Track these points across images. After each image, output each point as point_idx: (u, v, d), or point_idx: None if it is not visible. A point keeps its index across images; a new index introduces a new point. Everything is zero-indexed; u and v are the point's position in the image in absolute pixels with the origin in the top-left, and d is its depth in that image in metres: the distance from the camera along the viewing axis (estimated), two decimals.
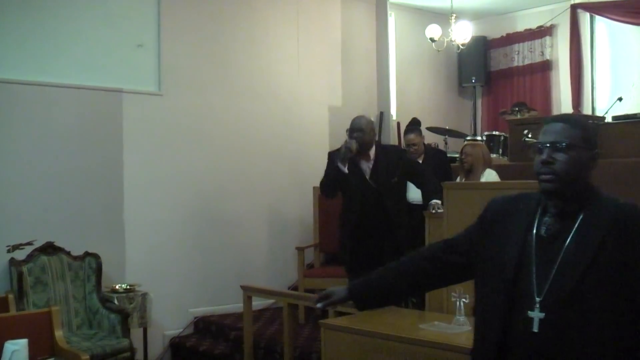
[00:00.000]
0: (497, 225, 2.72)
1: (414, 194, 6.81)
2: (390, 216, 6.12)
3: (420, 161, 7.25)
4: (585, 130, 2.58)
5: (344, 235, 6.41)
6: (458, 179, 6.89)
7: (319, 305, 3.24)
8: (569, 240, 2.49)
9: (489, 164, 6.82)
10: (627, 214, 2.49)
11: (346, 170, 6.02)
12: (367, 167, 6.18)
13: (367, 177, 6.15)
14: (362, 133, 6.06)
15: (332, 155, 6.19)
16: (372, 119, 6.61)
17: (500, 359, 2.55)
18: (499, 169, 7.07)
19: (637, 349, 2.42)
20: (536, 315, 2.46)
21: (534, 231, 2.58)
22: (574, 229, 2.50)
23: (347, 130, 6.20)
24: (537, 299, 2.47)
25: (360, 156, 6.14)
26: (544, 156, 2.54)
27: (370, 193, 6.12)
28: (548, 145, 2.54)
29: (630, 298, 2.41)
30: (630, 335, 2.40)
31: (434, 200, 5.72)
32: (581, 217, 2.51)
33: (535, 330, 2.46)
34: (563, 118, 2.64)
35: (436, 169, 7.03)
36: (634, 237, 2.43)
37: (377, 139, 6.49)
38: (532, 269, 2.52)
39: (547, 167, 2.53)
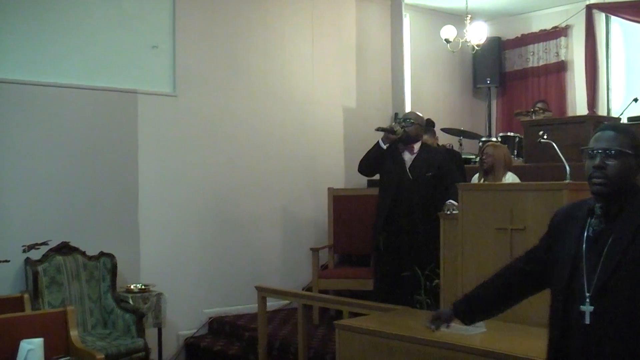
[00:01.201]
0: (561, 231, 2.93)
1: None
2: (414, 210, 6.32)
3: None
4: (634, 138, 2.79)
5: (376, 225, 6.61)
6: (475, 178, 6.86)
7: (432, 327, 3.46)
8: (611, 237, 2.70)
9: (509, 167, 6.79)
10: None
11: (384, 146, 6.50)
12: (409, 158, 6.56)
13: (407, 167, 6.48)
14: (409, 123, 6.54)
15: (378, 130, 6.68)
16: (423, 116, 6.83)
17: (563, 354, 2.78)
18: (513, 170, 7.04)
19: None
20: (587, 308, 2.68)
21: (585, 233, 2.79)
22: (616, 227, 2.71)
23: (397, 117, 6.60)
24: (587, 294, 2.69)
25: (405, 147, 6.56)
26: (596, 162, 2.76)
27: (405, 184, 6.40)
28: (600, 151, 2.76)
29: None
30: None
31: (450, 201, 5.74)
32: (622, 215, 2.72)
33: (587, 323, 2.67)
34: (614, 126, 2.86)
35: None
36: None
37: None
38: (582, 267, 2.74)
39: (599, 172, 2.75)
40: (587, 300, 2.68)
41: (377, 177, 7.05)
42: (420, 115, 6.88)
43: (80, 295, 6.94)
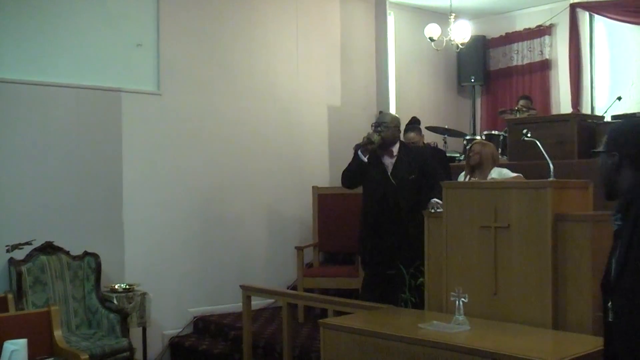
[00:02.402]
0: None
1: None
2: (402, 213, 6.23)
3: None
4: (614, 135, 2.83)
5: (363, 231, 6.51)
6: (461, 176, 6.87)
7: None
8: (624, 234, 2.70)
9: (496, 164, 6.80)
10: None
11: (365, 160, 6.26)
12: (389, 162, 6.38)
13: (389, 173, 6.33)
14: (385, 127, 6.33)
15: (357, 148, 6.37)
16: (397, 116, 6.73)
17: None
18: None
19: None
20: (610, 306, 2.71)
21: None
22: (626, 224, 2.70)
23: (372, 124, 6.49)
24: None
25: (383, 151, 6.36)
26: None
27: (390, 188, 6.27)
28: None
29: None
30: None
31: (434, 199, 5.72)
32: (631, 211, 2.69)
33: (610, 319, 2.70)
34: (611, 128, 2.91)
35: None
36: None
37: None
38: (611, 264, 2.75)
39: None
40: (611, 297, 2.70)
41: None
42: (395, 115, 6.76)
43: (64, 295, 6.92)
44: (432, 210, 5.61)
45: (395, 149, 6.41)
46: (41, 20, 7.30)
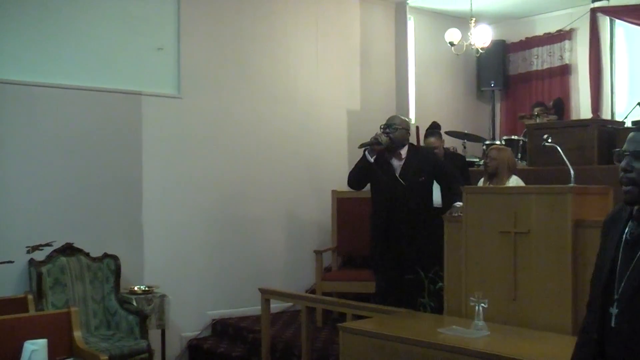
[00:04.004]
0: (606, 234, 2.83)
1: (434, 196, 6.82)
2: (413, 216, 6.20)
3: None
4: None
5: (374, 234, 6.51)
6: (481, 182, 6.86)
7: None
8: None
9: (513, 170, 6.78)
10: None
11: (372, 160, 6.25)
12: (398, 165, 6.34)
13: (397, 175, 6.28)
14: (393, 129, 6.29)
15: (362, 146, 6.38)
16: (407, 119, 6.69)
17: (600, 356, 2.70)
18: (517, 174, 7.04)
19: None
20: (614, 311, 2.62)
21: (624, 236, 2.69)
22: None
23: (381, 126, 6.40)
24: (615, 297, 2.62)
25: (392, 154, 6.32)
26: (623, 164, 2.64)
27: (399, 191, 6.23)
28: (627, 153, 2.63)
29: None
30: None
31: (459, 203, 5.68)
32: None
33: (613, 325, 2.61)
34: None
35: None
36: None
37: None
38: (616, 270, 2.65)
39: (625, 176, 2.62)
40: (615, 303, 2.61)
41: None
42: (405, 118, 6.69)
43: (83, 296, 6.96)
44: (456, 215, 5.57)
45: (404, 151, 6.38)
46: (63, 24, 7.34)
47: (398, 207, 6.25)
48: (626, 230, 2.69)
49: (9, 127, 6.98)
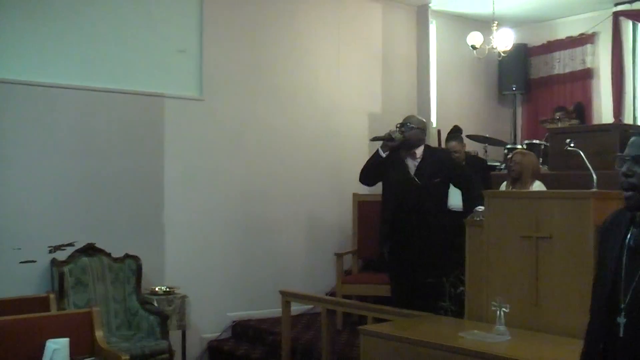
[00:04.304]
0: (606, 240, 2.78)
1: (453, 200, 6.80)
2: (428, 217, 6.15)
3: None
4: None
5: (382, 231, 6.47)
6: (503, 186, 6.83)
7: None
8: None
9: (537, 175, 6.74)
10: None
11: (384, 155, 6.20)
12: (412, 164, 6.29)
13: (412, 174, 6.22)
14: (408, 128, 6.24)
15: (374, 139, 6.39)
16: (424, 120, 6.65)
17: None
18: (540, 179, 7.01)
19: None
20: (621, 321, 2.57)
21: (626, 243, 2.64)
22: None
23: (396, 124, 6.35)
24: (622, 306, 2.58)
25: (406, 153, 6.27)
26: (624, 169, 2.61)
27: (412, 190, 6.18)
28: (629, 158, 2.61)
29: None
30: None
31: (480, 207, 5.65)
32: None
33: (621, 335, 2.56)
34: None
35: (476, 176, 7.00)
36: None
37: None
38: (621, 278, 2.61)
39: (627, 180, 2.59)
40: (623, 312, 2.56)
41: None
42: (422, 119, 6.61)
43: (105, 296, 6.99)
44: (478, 219, 5.55)
45: (419, 151, 6.33)
46: (85, 25, 7.39)
47: (410, 206, 6.19)
48: (629, 237, 2.64)
49: (33, 128, 7.04)
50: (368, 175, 6.49)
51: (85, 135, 7.34)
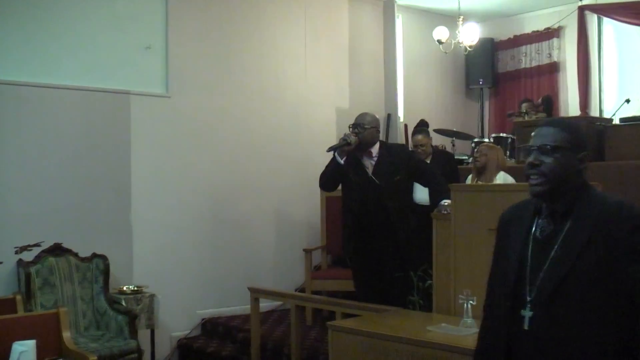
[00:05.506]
0: (506, 235, 2.80)
1: (420, 194, 6.80)
2: (391, 216, 6.03)
3: (428, 162, 7.21)
4: (573, 132, 2.65)
5: (345, 234, 6.37)
6: (469, 179, 6.86)
7: None
8: (559, 240, 2.57)
9: (502, 168, 6.78)
10: (612, 212, 2.53)
11: (342, 162, 5.98)
12: (369, 163, 6.11)
13: (370, 174, 6.06)
14: (362, 129, 6.02)
15: (332, 149, 6.12)
16: (378, 117, 6.51)
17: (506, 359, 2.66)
18: (507, 171, 7.04)
19: (621, 344, 2.47)
20: (527, 314, 2.58)
21: (531, 234, 2.67)
22: (565, 230, 2.58)
23: (349, 126, 6.15)
24: (528, 299, 2.59)
25: (362, 153, 6.10)
26: (530, 158, 2.63)
27: (372, 190, 6.03)
28: (535, 148, 2.62)
29: (614, 296, 2.46)
30: (614, 332, 2.47)
31: (446, 201, 5.63)
32: (572, 217, 2.58)
33: (526, 328, 2.57)
34: (552, 122, 2.74)
35: (443, 170, 6.97)
36: (616, 235, 2.47)
37: (383, 139, 6.42)
38: (527, 270, 2.62)
39: (534, 170, 2.60)
40: (528, 305, 2.57)
41: None
42: (374, 115, 6.32)
43: (72, 296, 6.94)
44: (445, 212, 5.55)
45: (375, 149, 6.12)
46: (50, 23, 7.33)
47: (372, 206, 6.04)
48: (534, 228, 2.67)
49: None
50: (327, 183, 6.30)
51: (51, 133, 7.27)
